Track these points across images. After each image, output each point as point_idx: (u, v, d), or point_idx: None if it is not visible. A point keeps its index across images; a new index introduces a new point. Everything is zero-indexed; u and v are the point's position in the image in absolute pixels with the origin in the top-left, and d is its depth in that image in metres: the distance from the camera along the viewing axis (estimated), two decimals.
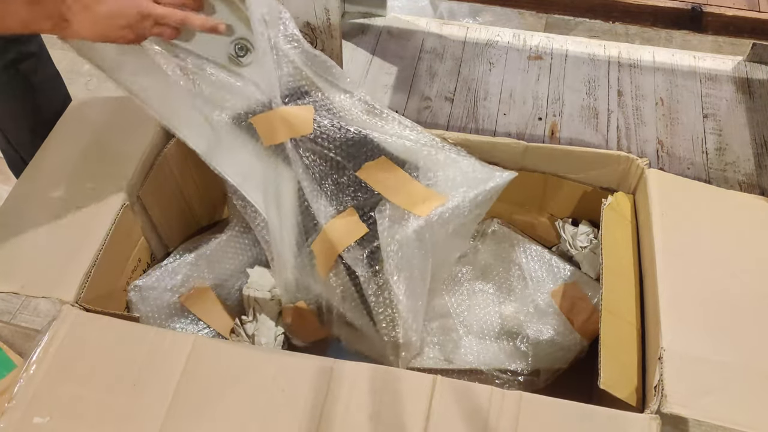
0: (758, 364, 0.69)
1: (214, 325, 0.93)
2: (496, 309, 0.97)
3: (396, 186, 0.81)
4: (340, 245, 0.80)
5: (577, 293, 0.94)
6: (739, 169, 1.08)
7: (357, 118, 0.83)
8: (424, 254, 0.81)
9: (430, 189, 0.81)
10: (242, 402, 0.66)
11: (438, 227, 0.81)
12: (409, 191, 0.81)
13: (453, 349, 0.94)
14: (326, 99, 0.82)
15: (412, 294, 0.81)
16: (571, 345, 0.91)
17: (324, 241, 0.81)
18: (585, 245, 0.98)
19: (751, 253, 0.79)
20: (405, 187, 0.81)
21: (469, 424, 0.64)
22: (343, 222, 0.80)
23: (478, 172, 0.84)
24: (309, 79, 0.80)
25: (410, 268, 0.80)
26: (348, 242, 0.79)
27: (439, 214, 0.80)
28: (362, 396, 0.66)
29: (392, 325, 0.82)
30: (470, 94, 1.18)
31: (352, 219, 0.80)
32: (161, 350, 0.69)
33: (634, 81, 1.21)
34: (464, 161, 0.85)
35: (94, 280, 0.76)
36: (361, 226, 0.80)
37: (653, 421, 0.65)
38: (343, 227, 0.80)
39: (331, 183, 0.82)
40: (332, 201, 0.82)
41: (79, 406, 0.66)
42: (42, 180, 0.85)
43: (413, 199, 0.80)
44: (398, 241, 0.78)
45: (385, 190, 0.81)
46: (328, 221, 0.80)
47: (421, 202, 0.80)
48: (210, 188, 1.03)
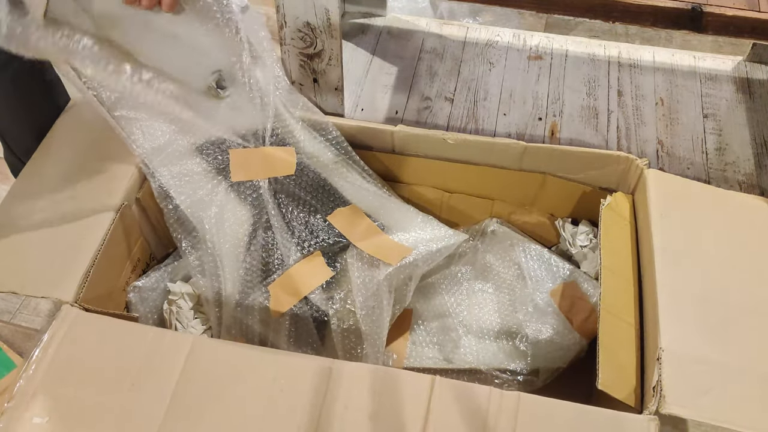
0: (757, 365, 0.69)
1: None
2: (495, 308, 0.97)
3: (365, 235, 0.87)
4: (307, 288, 0.85)
5: (577, 292, 0.94)
6: (739, 169, 1.08)
7: (328, 165, 0.89)
8: (389, 295, 0.89)
9: (395, 242, 0.90)
10: (241, 402, 0.66)
11: (401, 273, 0.89)
12: (377, 241, 0.89)
13: (452, 348, 0.94)
14: (303, 142, 0.86)
15: (377, 328, 0.87)
16: (571, 344, 0.91)
17: (286, 284, 0.85)
18: (584, 245, 0.98)
19: (750, 254, 0.79)
20: (373, 237, 0.88)
21: (467, 424, 0.64)
22: (310, 266, 0.86)
23: (435, 232, 0.94)
24: (289, 121, 0.84)
25: (378, 307, 0.87)
26: (315, 285, 0.85)
27: (406, 263, 0.89)
28: (361, 396, 0.66)
29: (353, 354, 0.88)
30: (470, 94, 1.18)
31: (318, 262, 0.87)
32: (160, 350, 0.69)
33: (634, 81, 1.21)
34: (420, 219, 0.94)
35: (93, 280, 0.76)
36: (326, 270, 0.87)
37: (651, 422, 0.65)
38: (309, 270, 0.86)
39: (301, 225, 0.87)
40: (301, 243, 0.87)
41: (78, 407, 0.66)
42: (41, 180, 0.85)
43: (382, 249, 0.89)
44: (369, 284, 0.86)
45: (355, 238, 0.88)
46: (294, 264, 0.85)
47: (389, 252, 0.88)
48: None
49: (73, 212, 0.81)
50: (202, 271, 0.85)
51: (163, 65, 0.73)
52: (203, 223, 0.83)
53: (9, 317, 1.10)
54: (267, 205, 0.83)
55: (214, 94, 0.77)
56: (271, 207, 0.83)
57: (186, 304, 0.89)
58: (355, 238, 0.89)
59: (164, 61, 0.73)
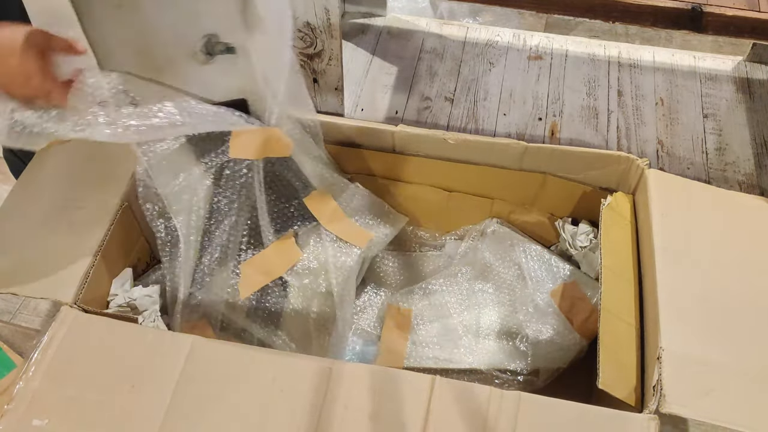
0: (757, 365, 0.69)
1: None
2: (495, 308, 0.97)
3: (333, 218, 0.94)
4: (281, 268, 0.90)
5: (577, 293, 0.94)
6: (739, 169, 1.08)
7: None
8: (357, 274, 0.96)
9: (358, 226, 0.97)
10: (241, 403, 0.66)
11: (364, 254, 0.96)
12: (344, 225, 0.95)
13: (452, 348, 0.94)
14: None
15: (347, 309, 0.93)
16: (571, 345, 0.91)
17: (259, 264, 0.88)
18: (584, 245, 0.98)
19: (750, 254, 0.79)
20: (340, 221, 0.95)
21: (467, 424, 0.64)
22: (283, 246, 0.91)
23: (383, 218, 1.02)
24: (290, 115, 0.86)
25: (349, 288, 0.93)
26: (288, 266, 0.90)
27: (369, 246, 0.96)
28: (361, 396, 0.66)
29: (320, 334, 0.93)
30: (470, 94, 1.18)
31: (290, 242, 0.92)
32: (160, 351, 0.69)
33: (634, 81, 1.21)
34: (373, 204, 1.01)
35: (93, 280, 0.76)
36: (297, 251, 0.91)
37: (652, 421, 0.65)
38: (283, 252, 0.90)
39: (280, 208, 0.92)
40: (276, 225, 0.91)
41: (78, 408, 0.66)
42: (41, 180, 0.85)
43: (349, 232, 0.95)
44: (342, 267, 0.92)
45: (325, 221, 0.94)
46: (269, 245, 0.89)
47: (356, 236, 0.95)
48: None
49: (73, 212, 0.81)
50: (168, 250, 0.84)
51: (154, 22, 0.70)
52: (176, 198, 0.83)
53: (9, 317, 1.10)
54: (255, 186, 0.84)
55: (200, 59, 0.74)
56: (258, 188, 0.84)
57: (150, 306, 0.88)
58: (324, 221, 0.93)
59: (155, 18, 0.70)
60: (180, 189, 0.81)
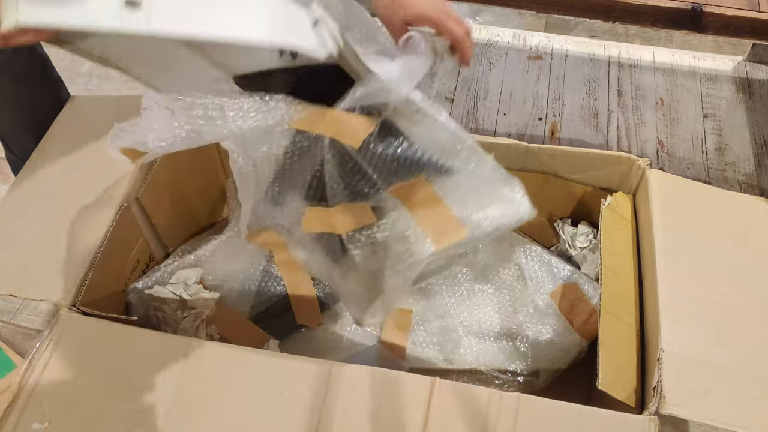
0: (757, 366, 0.69)
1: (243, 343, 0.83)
2: (495, 309, 0.97)
3: (422, 203, 0.78)
4: (345, 227, 0.78)
5: (577, 294, 0.94)
6: (739, 169, 1.08)
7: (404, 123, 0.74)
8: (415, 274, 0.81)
9: (454, 217, 0.77)
10: (241, 405, 0.66)
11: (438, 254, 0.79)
12: (435, 216, 0.77)
13: (452, 349, 0.94)
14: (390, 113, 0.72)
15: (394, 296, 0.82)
16: (571, 345, 0.91)
17: (323, 215, 0.78)
18: (584, 245, 0.98)
19: (751, 255, 0.79)
20: (433, 211, 0.77)
21: (467, 425, 0.64)
22: (354, 208, 0.77)
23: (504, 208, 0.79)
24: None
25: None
26: (355, 226, 0.78)
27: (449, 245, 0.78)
28: (361, 398, 0.66)
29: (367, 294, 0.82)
30: (470, 94, 1.18)
31: (364, 206, 0.77)
32: (160, 354, 0.69)
33: (634, 81, 1.21)
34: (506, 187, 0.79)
35: (92, 281, 0.76)
36: (370, 214, 0.77)
37: (652, 423, 0.65)
38: (353, 211, 0.77)
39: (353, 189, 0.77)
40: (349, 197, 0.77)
41: (78, 411, 0.66)
42: (39, 180, 0.84)
43: (436, 226, 0.78)
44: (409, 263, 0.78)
45: (416, 214, 0.78)
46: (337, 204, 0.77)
47: (441, 232, 0.77)
48: (209, 189, 1.03)
49: (72, 213, 0.81)
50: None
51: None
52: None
53: (9, 317, 1.10)
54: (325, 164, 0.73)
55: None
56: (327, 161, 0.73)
57: (170, 308, 0.89)
58: (411, 205, 0.78)
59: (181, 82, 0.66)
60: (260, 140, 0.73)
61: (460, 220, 0.78)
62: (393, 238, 0.80)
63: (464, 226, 0.77)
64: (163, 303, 0.88)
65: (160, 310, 0.88)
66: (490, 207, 0.77)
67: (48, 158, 0.86)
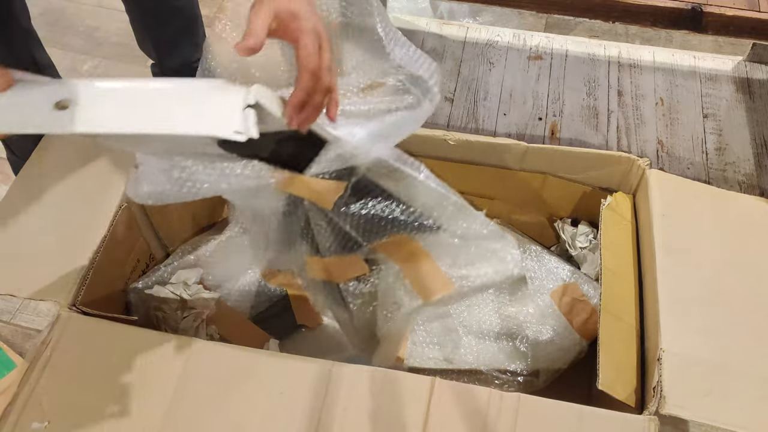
0: (757, 366, 0.69)
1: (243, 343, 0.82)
2: (495, 309, 0.97)
3: (413, 263, 0.79)
4: (341, 277, 0.80)
5: (577, 294, 0.94)
6: (739, 169, 1.08)
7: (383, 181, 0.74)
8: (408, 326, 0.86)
9: (441, 272, 0.80)
10: (241, 405, 0.66)
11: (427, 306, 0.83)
12: (422, 271, 0.80)
13: (453, 349, 0.94)
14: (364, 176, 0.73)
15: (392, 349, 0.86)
16: (571, 345, 0.91)
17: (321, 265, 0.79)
18: (584, 245, 0.98)
19: (750, 255, 0.79)
20: (421, 266, 0.79)
21: (467, 425, 0.64)
22: (347, 259, 0.79)
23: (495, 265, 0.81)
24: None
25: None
26: (349, 276, 0.80)
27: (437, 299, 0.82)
28: (361, 398, 0.66)
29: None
30: (470, 94, 1.18)
31: (356, 258, 0.78)
32: (160, 354, 0.69)
33: (634, 81, 1.21)
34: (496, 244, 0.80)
35: (92, 281, 0.76)
36: (363, 266, 0.79)
37: (652, 422, 0.65)
38: (346, 262, 0.79)
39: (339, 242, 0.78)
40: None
41: (78, 411, 0.66)
42: (39, 180, 0.84)
43: (423, 280, 0.80)
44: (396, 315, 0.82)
45: (404, 267, 0.80)
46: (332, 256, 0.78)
47: (427, 286, 0.80)
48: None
49: (72, 213, 0.81)
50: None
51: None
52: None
53: (9, 317, 1.10)
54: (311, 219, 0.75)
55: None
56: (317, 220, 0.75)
57: (170, 308, 0.89)
58: (398, 259, 0.79)
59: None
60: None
61: (448, 275, 0.80)
62: (383, 290, 0.82)
63: (451, 281, 0.80)
64: (163, 303, 0.88)
65: (160, 310, 0.88)
66: (481, 263, 0.80)
67: (48, 158, 0.87)
